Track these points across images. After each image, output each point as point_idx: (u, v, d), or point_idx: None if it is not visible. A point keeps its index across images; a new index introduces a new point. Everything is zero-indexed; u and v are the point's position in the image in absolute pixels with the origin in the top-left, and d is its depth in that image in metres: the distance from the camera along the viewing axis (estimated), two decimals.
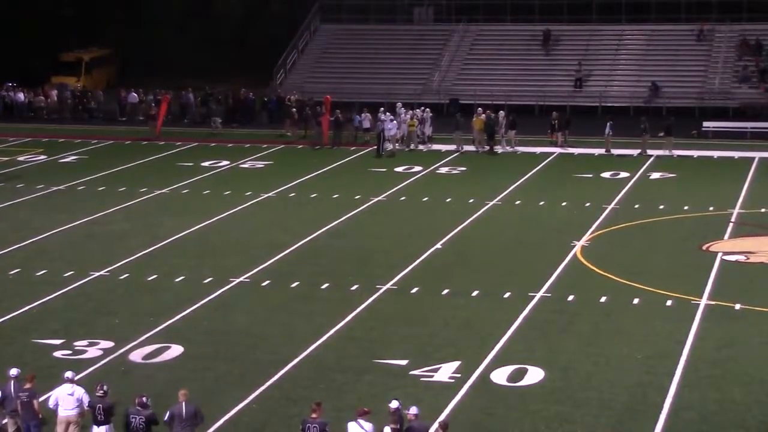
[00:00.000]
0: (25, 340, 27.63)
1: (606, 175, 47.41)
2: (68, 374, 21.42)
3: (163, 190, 44.74)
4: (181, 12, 76.31)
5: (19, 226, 38.89)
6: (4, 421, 21.23)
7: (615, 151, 51.82)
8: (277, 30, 70.21)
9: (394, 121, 53.31)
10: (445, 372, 25.44)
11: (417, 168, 49.16)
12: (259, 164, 50.79)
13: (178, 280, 32.66)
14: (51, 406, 21.10)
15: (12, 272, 33.41)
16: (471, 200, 42.49)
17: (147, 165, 50.62)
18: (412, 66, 67.12)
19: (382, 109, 54.31)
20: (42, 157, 52.43)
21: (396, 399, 20.30)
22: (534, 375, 25.19)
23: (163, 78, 68.50)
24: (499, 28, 69.11)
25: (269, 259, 34.58)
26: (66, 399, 21.02)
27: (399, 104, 56.30)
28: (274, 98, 62.84)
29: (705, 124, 55.79)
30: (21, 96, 64.84)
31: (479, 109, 54.79)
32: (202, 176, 47.73)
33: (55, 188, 45.16)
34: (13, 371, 21.66)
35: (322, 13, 71.12)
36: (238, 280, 32.54)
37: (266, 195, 43.91)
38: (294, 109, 57.31)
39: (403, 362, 26.01)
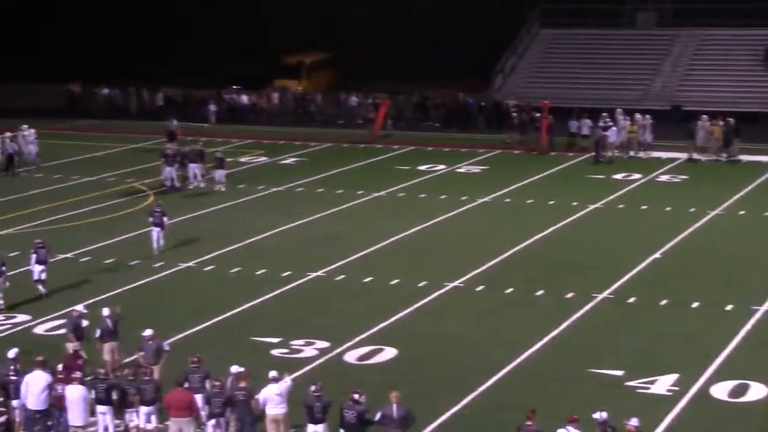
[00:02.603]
0: (244, 338, 28.16)
1: None
2: (273, 374, 21.70)
3: (379, 193, 45.07)
4: (401, 16, 76.84)
5: (240, 226, 39.74)
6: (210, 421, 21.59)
7: None
8: (496, 34, 69.91)
9: (614, 128, 52.37)
10: (663, 384, 24.77)
11: (636, 175, 48.18)
12: (476, 169, 50.67)
13: (392, 282, 32.79)
14: (260, 406, 21.42)
15: (232, 271, 34.15)
16: (692, 209, 41.37)
17: (364, 168, 51.13)
18: (633, 71, 65.83)
19: (603, 114, 53.40)
20: (263, 158, 53.54)
21: (602, 410, 19.76)
22: (757, 391, 24.27)
23: (382, 81, 69.07)
24: (724, 33, 67.13)
25: (484, 265, 34.39)
26: (274, 398, 21.32)
27: (619, 110, 55.25)
28: (492, 103, 62.62)
29: None
30: (244, 98, 66.40)
31: (703, 116, 53.22)
32: (419, 180, 47.89)
33: (274, 189, 46.03)
34: (234, 368, 22.08)
35: (542, 18, 70.52)
36: (452, 285, 32.46)
37: (482, 200, 43.74)
38: (514, 114, 57.00)
39: (619, 372, 25.47)
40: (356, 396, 20.60)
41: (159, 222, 35.96)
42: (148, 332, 24.08)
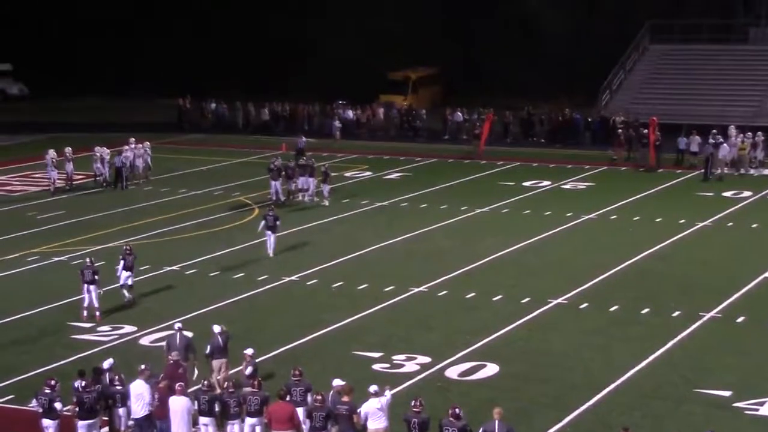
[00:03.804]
0: (346, 352, 28.15)
1: None
2: (373, 388, 21.61)
3: (483, 209, 44.85)
4: (507, 31, 76.61)
5: (344, 240, 39.82)
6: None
7: None
8: (604, 49, 69.37)
9: (725, 145, 51.48)
10: None
11: (746, 193, 47.31)
12: (581, 185, 50.20)
13: (495, 299, 32.56)
14: (361, 420, 21.35)
15: (335, 285, 34.19)
16: None
17: (469, 183, 50.94)
18: (746, 88, 64.74)
19: (713, 131, 52.57)
20: (367, 173, 53.64)
21: (713, 430, 19.33)
22: None
23: (488, 97, 68.91)
24: None
25: (588, 282, 34.00)
26: (375, 413, 21.26)
27: (731, 127, 54.30)
28: (598, 119, 62.05)
29: None
30: (350, 113, 66.61)
31: None
32: (523, 196, 47.57)
33: (378, 204, 46.05)
34: (336, 382, 22.05)
35: (652, 33, 69.71)
36: (555, 302, 32.13)
37: (587, 216, 43.28)
38: (620, 131, 56.41)
39: (726, 393, 24.95)
40: (457, 411, 20.41)
41: (272, 226, 36.92)
42: (249, 351, 24.07)
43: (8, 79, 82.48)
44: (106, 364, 23.09)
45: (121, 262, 32.07)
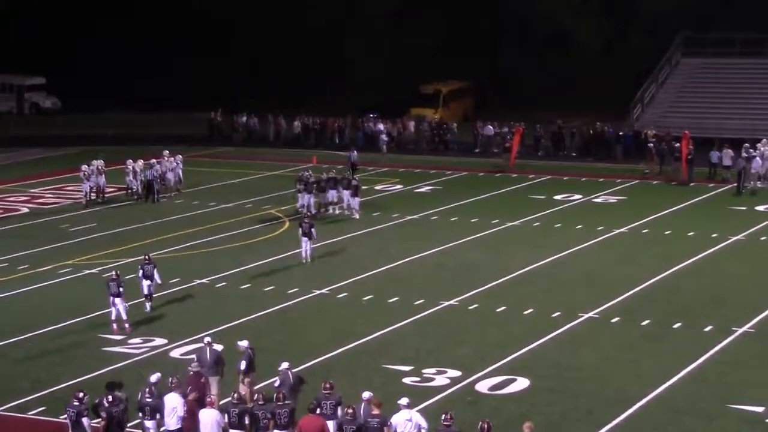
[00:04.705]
0: (376, 365, 28.10)
1: None
2: (403, 401, 21.54)
3: (514, 223, 44.73)
4: (539, 45, 76.51)
5: (374, 253, 39.78)
6: None
7: None
8: (635, 63, 69.19)
9: (757, 158, 51.19)
10: None
11: None
12: (612, 199, 50.00)
13: (526, 312, 32.44)
14: None
15: (366, 298, 34.16)
16: None
17: (499, 197, 50.84)
18: None
19: (746, 145, 52.32)
20: (398, 186, 53.60)
21: None
22: None
23: (520, 110, 68.78)
24: None
25: (620, 296, 33.84)
26: (404, 425, 21.21)
27: (764, 140, 54.02)
28: (630, 132, 61.83)
29: None
30: (381, 127, 66.54)
31: None
32: (554, 209, 47.42)
33: (409, 217, 46.01)
34: (366, 394, 22.01)
35: (684, 46, 69.45)
36: (587, 316, 31.98)
37: (619, 230, 43.09)
38: (650, 145, 56.20)
39: (760, 409, 24.77)
40: (487, 426, 20.29)
41: (307, 232, 37.95)
42: (283, 365, 24.05)
43: (42, 93, 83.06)
44: (154, 377, 23.01)
45: (141, 272, 32.34)
